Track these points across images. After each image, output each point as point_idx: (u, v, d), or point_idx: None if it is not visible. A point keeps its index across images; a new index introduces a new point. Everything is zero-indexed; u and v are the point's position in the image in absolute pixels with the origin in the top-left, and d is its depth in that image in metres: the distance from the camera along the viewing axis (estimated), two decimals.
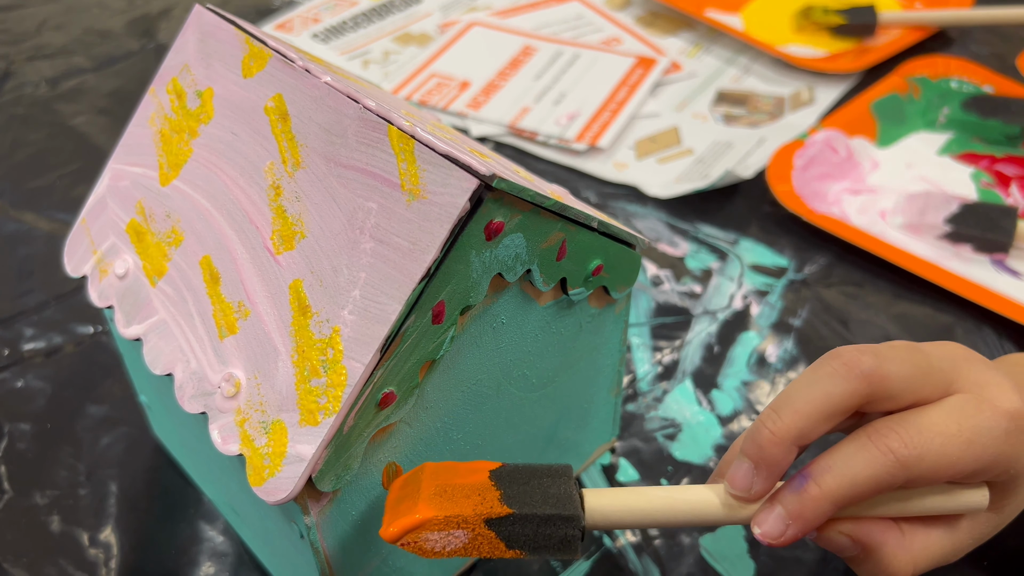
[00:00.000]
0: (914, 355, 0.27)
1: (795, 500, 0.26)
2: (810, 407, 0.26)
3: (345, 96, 0.27)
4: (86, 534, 0.37)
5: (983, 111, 0.56)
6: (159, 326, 0.29)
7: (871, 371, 0.26)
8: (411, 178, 0.25)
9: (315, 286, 0.26)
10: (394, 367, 0.25)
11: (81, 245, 0.33)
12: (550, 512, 0.26)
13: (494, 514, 0.25)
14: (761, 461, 0.27)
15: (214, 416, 0.27)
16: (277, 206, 0.28)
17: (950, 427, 0.26)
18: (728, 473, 0.28)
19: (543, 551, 0.26)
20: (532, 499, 0.26)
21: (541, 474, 0.27)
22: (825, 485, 0.26)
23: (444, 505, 0.25)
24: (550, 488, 0.26)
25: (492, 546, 0.26)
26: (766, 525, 0.27)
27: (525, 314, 0.30)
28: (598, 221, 0.29)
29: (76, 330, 0.46)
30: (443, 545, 0.25)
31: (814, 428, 0.26)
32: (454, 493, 0.26)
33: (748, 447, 0.27)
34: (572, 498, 0.26)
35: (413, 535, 0.25)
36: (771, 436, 0.26)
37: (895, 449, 0.26)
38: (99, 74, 0.65)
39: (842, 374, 0.26)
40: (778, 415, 0.27)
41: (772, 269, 0.49)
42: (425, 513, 0.25)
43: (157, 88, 0.33)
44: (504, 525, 0.25)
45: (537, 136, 0.58)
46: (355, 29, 0.69)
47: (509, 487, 0.26)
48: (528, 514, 0.26)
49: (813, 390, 0.27)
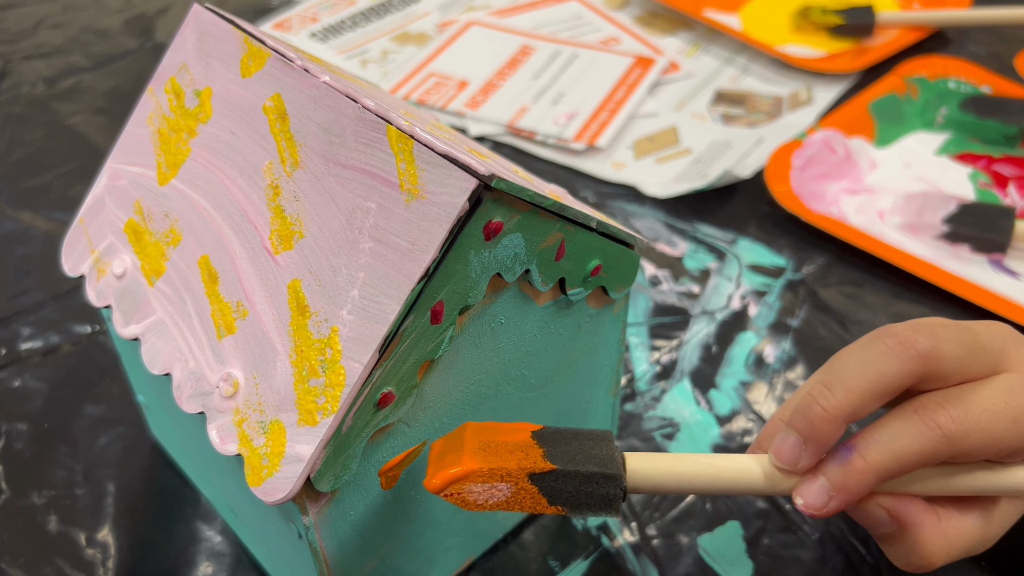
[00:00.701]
0: (965, 334, 0.27)
1: (839, 472, 0.27)
2: (864, 385, 0.26)
3: (344, 96, 0.27)
4: (83, 534, 0.37)
5: (981, 111, 0.56)
6: (157, 326, 0.29)
7: (927, 351, 0.26)
8: (410, 178, 0.25)
9: (313, 286, 0.26)
10: (393, 367, 0.25)
11: (79, 244, 0.33)
12: (593, 470, 0.26)
13: (537, 469, 0.26)
14: (811, 437, 0.27)
15: (212, 416, 0.27)
16: (276, 206, 0.28)
17: (997, 404, 0.27)
18: (775, 445, 0.27)
19: (584, 509, 0.26)
20: (575, 458, 0.26)
21: (583, 436, 0.27)
22: (871, 458, 0.26)
23: (488, 458, 0.26)
24: (592, 449, 0.27)
25: (534, 501, 0.26)
26: (809, 496, 0.27)
27: (524, 314, 0.30)
28: (597, 221, 0.29)
29: (73, 330, 0.46)
30: (486, 497, 0.26)
31: (866, 406, 0.26)
32: (498, 448, 0.26)
33: (798, 421, 0.27)
34: (614, 459, 0.27)
35: (457, 486, 0.26)
36: (823, 413, 0.26)
37: (942, 424, 0.26)
38: (96, 73, 0.65)
39: (898, 354, 0.26)
40: (831, 392, 0.26)
41: (770, 269, 0.49)
42: (470, 465, 0.25)
43: (155, 87, 0.33)
44: (547, 480, 0.26)
45: (535, 135, 0.58)
46: (353, 28, 0.69)
47: (552, 446, 0.27)
48: (571, 471, 0.26)
49: (867, 368, 0.26)
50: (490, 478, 0.26)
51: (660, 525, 0.37)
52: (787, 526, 0.37)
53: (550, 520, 0.37)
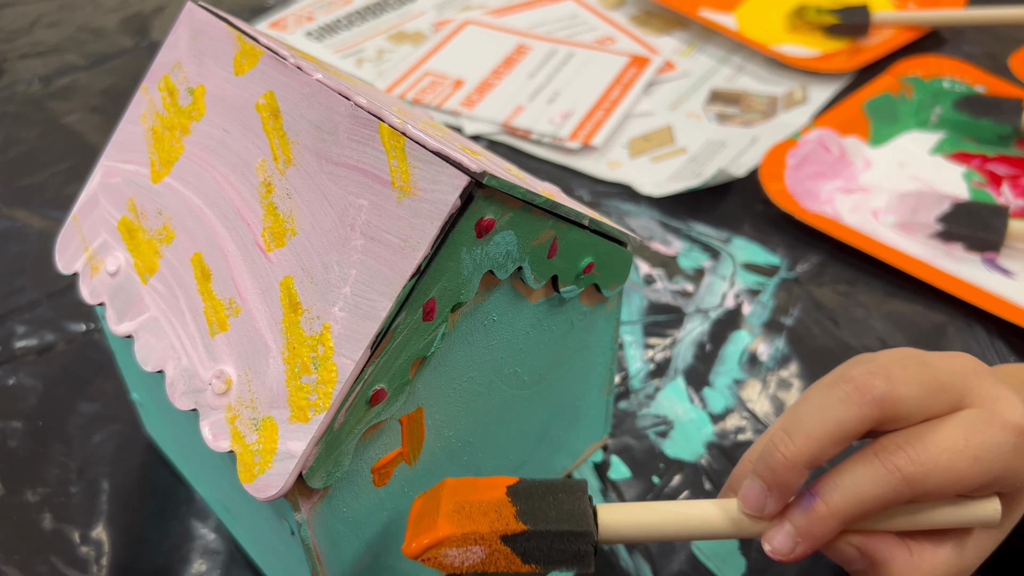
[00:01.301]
0: (924, 373, 0.27)
1: (803, 518, 0.27)
2: (822, 432, 0.27)
3: (336, 93, 0.27)
4: (77, 532, 0.37)
5: (975, 111, 0.56)
6: (150, 323, 0.29)
7: (883, 396, 0.27)
8: (402, 175, 0.25)
9: (306, 283, 0.26)
10: (385, 364, 0.25)
11: (72, 242, 0.33)
12: (564, 528, 0.27)
13: (510, 531, 0.26)
14: (774, 484, 0.27)
15: (205, 413, 0.27)
16: (268, 203, 0.28)
17: (957, 442, 0.27)
18: (741, 493, 0.28)
19: (558, 565, 0.27)
20: (547, 515, 0.27)
21: (556, 490, 0.28)
22: (833, 503, 0.27)
23: (462, 522, 0.26)
24: (564, 504, 0.27)
25: (508, 561, 0.27)
26: (777, 542, 0.28)
27: (516, 311, 0.30)
28: (589, 219, 0.29)
29: (68, 328, 0.46)
30: (462, 560, 0.26)
31: (825, 452, 0.27)
32: (472, 510, 0.27)
33: (761, 469, 0.27)
34: (586, 514, 0.27)
35: (433, 551, 0.26)
36: (784, 460, 0.27)
37: (901, 467, 0.26)
38: (92, 72, 0.65)
39: (855, 399, 0.27)
40: (791, 439, 0.27)
41: (764, 268, 0.49)
42: (444, 530, 0.26)
43: (149, 85, 0.33)
44: (519, 541, 0.26)
45: (531, 135, 0.58)
46: (349, 27, 0.69)
47: (525, 503, 0.27)
48: (543, 530, 0.27)
49: (825, 415, 0.27)
50: (464, 542, 0.26)
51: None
52: None
53: None
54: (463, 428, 0.31)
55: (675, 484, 0.38)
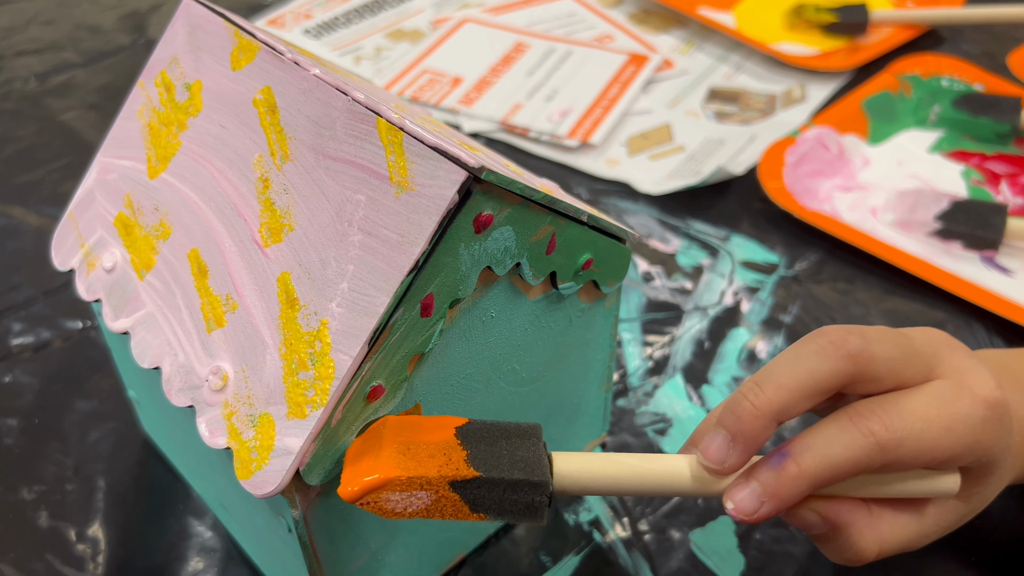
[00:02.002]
0: (899, 338, 0.27)
1: (772, 477, 0.26)
2: (794, 383, 0.26)
3: (334, 88, 0.27)
4: (73, 529, 0.37)
5: (974, 109, 0.56)
6: (147, 319, 0.29)
7: (858, 351, 0.26)
8: (399, 170, 0.25)
9: (303, 279, 0.26)
10: (382, 360, 0.25)
11: (69, 238, 0.33)
12: (518, 477, 0.25)
13: (459, 476, 0.24)
14: (739, 434, 0.26)
15: (202, 409, 0.27)
16: (265, 199, 0.28)
17: (930, 412, 0.26)
18: (702, 444, 0.27)
19: (509, 516, 0.25)
20: (499, 462, 0.25)
21: (510, 434, 0.26)
22: (804, 464, 0.26)
23: (407, 465, 0.24)
24: (518, 450, 0.25)
25: (456, 509, 0.25)
26: (740, 501, 0.26)
27: (515, 308, 0.30)
28: (587, 215, 0.29)
29: (64, 325, 0.45)
30: (404, 506, 0.24)
31: (796, 405, 0.26)
32: (418, 451, 0.25)
33: (726, 418, 0.26)
34: (541, 462, 0.25)
35: (374, 495, 0.24)
36: (751, 409, 0.26)
37: (876, 432, 0.26)
38: (89, 69, 0.65)
39: (829, 352, 0.26)
40: (760, 388, 0.26)
41: (763, 265, 0.49)
42: (387, 472, 0.24)
43: (146, 81, 0.33)
44: (469, 488, 0.25)
45: (529, 132, 0.58)
46: (347, 25, 0.69)
47: (476, 447, 0.25)
48: (495, 478, 0.25)
49: (798, 366, 0.26)
50: (409, 486, 0.24)
51: (652, 520, 0.37)
52: (779, 521, 0.37)
53: None
54: None
55: None
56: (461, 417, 0.27)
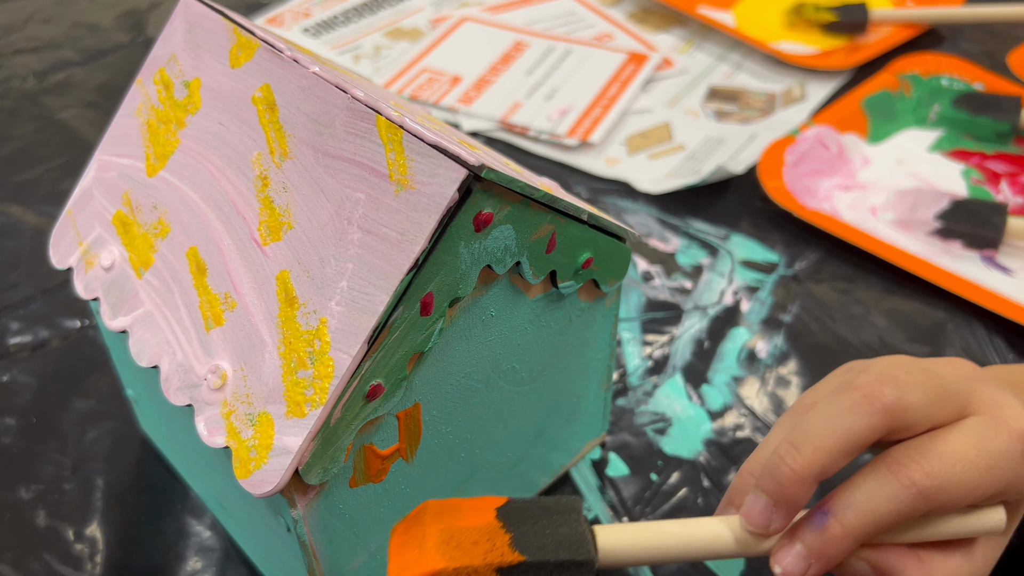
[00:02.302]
0: (931, 380, 0.27)
1: (817, 538, 0.26)
2: (831, 443, 0.26)
3: (333, 86, 0.27)
4: (71, 529, 0.37)
5: (974, 108, 0.56)
6: (145, 318, 0.29)
7: (893, 404, 0.26)
8: (399, 168, 0.25)
9: (302, 277, 0.26)
10: (382, 359, 0.25)
11: (67, 237, 0.33)
12: (564, 558, 0.25)
13: (505, 562, 0.25)
14: (781, 499, 0.26)
15: (200, 408, 0.27)
16: (264, 197, 0.27)
17: (969, 453, 0.26)
18: (744, 508, 0.27)
19: None
20: (543, 542, 0.25)
21: (550, 511, 0.26)
22: (847, 523, 0.26)
23: (453, 554, 0.24)
24: (560, 528, 0.26)
25: None
26: (787, 564, 0.26)
27: (514, 307, 0.29)
28: (588, 213, 0.29)
29: (63, 324, 0.45)
30: None
31: (834, 464, 0.26)
32: (462, 539, 0.25)
33: (766, 483, 0.26)
34: (584, 540, 0.25)
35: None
36: (791, 474, 0.26)
37: (917, 481, 0.26)
38: (87, 68, 0.65)
39: (864, 408, 0.26)
40: (798, 451, 0.26)
41: (763, 265, 0.49)
42: (435, 564, 0.24)
43: (144, 79, 0.32)
44: (516, 573, 0.25)
45: (528, 131, 0.58)
46: (346, 24, 0.69)
47: (518, 528, 0.25)
48: (540, 561, 0.25)
49: (834, 426, 0.26)
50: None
51: (652, 519, 0.37)
52: None
53: None
54: (460, 425, 0.31)
55: (673, 481, 0.38)
56: (499, 497, 0.26)
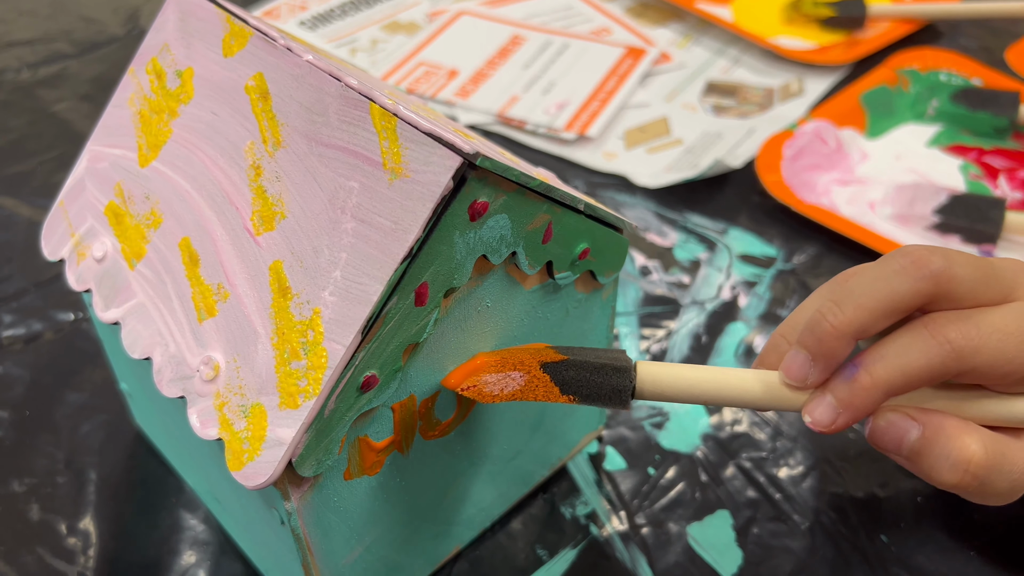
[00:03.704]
0: (979, 261, 0.27)
1: (846, 389, 0.27)
2: (874, 303, 0.26)
3: (327, 74, 0.26)
4: (65, 522, 0.36)
5: (972, 104, 0.56)
6: (137, 309, 0.29)
7: (940, 271, 0.26)
8: (393, 156, 0.25)
9: (295, 267, 0.26)
10: (376, 350, 0.25)
11: (59, 228, 0.32)
12: (604, 361, 0.27)
13: (549, 359, 0.27)
14: (819, 353, 0.27)
15: (193, 400, 0.27)
16: (257, 186, 0.27)
17: (1009, 326, 0.26)
18: (784, 362, 0.28)
19: (595, 399, 0.27)
20: (586, 354, 0.28)
21: (596, 350, 0.29)
22: (876, 374, 0.26)
23: (502, 353, 0.28)
24: (603, 353, 0.28)
25: (547, 390, 0.27)
26: (817, 413, 0.27)
27: (511, 298, 0.29)
28: (584, 203, 0.29)
29: (56, 317, 0.45)
30: (501, 387, 0.27)
31: (875, 323, 0.26)
32: (512, 350, 0.28)
33: (807, 339, 0.27)
34: (625, 357, 0.28)
35: (473, 379, 0.27)
36: (832, 329, 0.26)
37: (953, 340, 0.26)
38: (81, 60, 0.64)
39: (911, 272, 0.26)
40: (840, 309, 0.26)
41: (761, 259, 0.49)
42: (483, 357, 0.27)
43: (136, 68, 0.32)
44: (559, 369, 0.27)
45: (526, 125, 0.57)
46: (343, 17, 0.69)
47: (564, 350, 0.28)
48: (582, 361, 0.27)
49: (879, 286, 0.26)
50: (503, 367, 0.27)
51: (649, 514, 0.36)
52: (777, 515, 0.36)
53: (538, 509, 0.37)
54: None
55: (671, 476, 0.38)
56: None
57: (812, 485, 0.37)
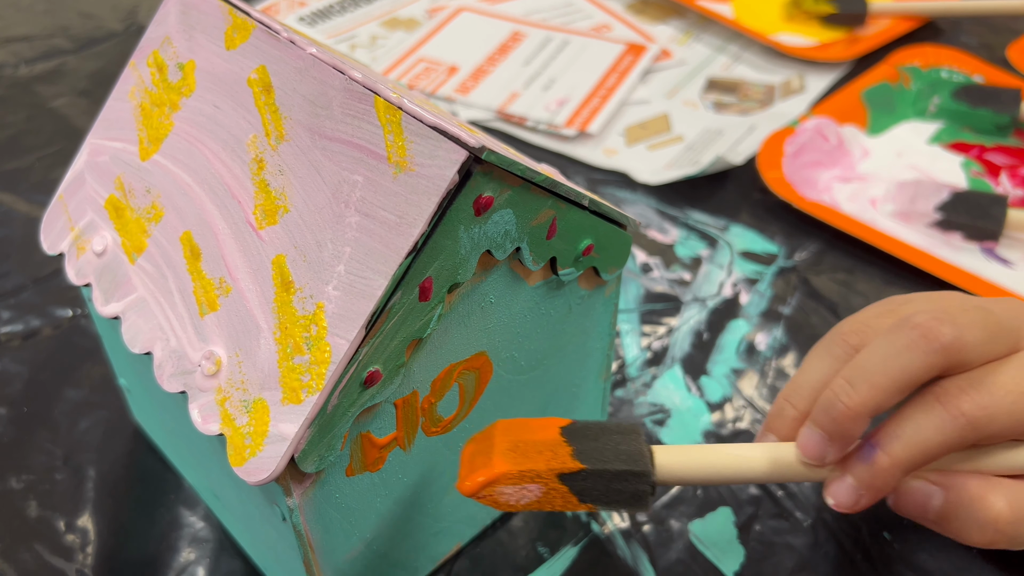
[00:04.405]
0: (987, 318, 0.27)
1: (866, 471, 0.27)
2: (887, 381, 0.26)
3: (331, 67, 0.26)
4: (63, 519, 0.36)
5: (973, 101, 0.56)
6: (138, 304, 0.29)
7: (951, 343, 0.26)
8: (398, 150, 0.24)
9: (298, 261, 0.25)
10: (380, 345, 0.25)
11: (58, 222, 0.32)
12: (621, 468, 0.26)
13: (566, 469, 0.26)
14: (835, 433, 0.27)
15: (194, 395, 0.26)
16: (260, 180, 0.27)
17: (1020, 384, 0.26)
18: (799, 442, 0.28)
19: (614, 505, 0.27)
20: (603, 455, 0.27)
21: (611, 431, 0.27)
22: (894, 454, 0.26)
23: (518, 460, 0.26)
24: (620, 444, 0.27)
25: (565, 500, 0.27)
26: (839, 496, 0.27)
27: (514, 294, 0.29)
28: (589, 199, 0.29)
29: (54, 313, 0.45)
30: (517, 499, 0.26)
31: (889, 401, 0.26)
32: (527, 449, 0.27)
33: (822, 419, 0.27)
34: (643, 455, 0.27)
35: (489, 489, 0.26)
36: (847, 411, 0.26)
37: (967, 412, 0.26)
38: (79, 56, 0.64)
39: (921, 347, 0.26)
40: (854, 389, 0.26)
41: (762, 256, 0.48)
42: (500, 468, 0.26)
43: (137, 61, 0.32)
44: (576, 480, 0.26)
45: (526, 121, 0.57)
46: (342, 13, 0.68)
47: (580, 443, 0.27)
48: (600, 470, 0.26)
49: (890, 364, 0.26)
50: (520, 479, 0.26)
51: (650, 511, 0.36)
52: (779, 512, 0.36)
53: None
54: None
55: None
56: (565, 419, 0.28)
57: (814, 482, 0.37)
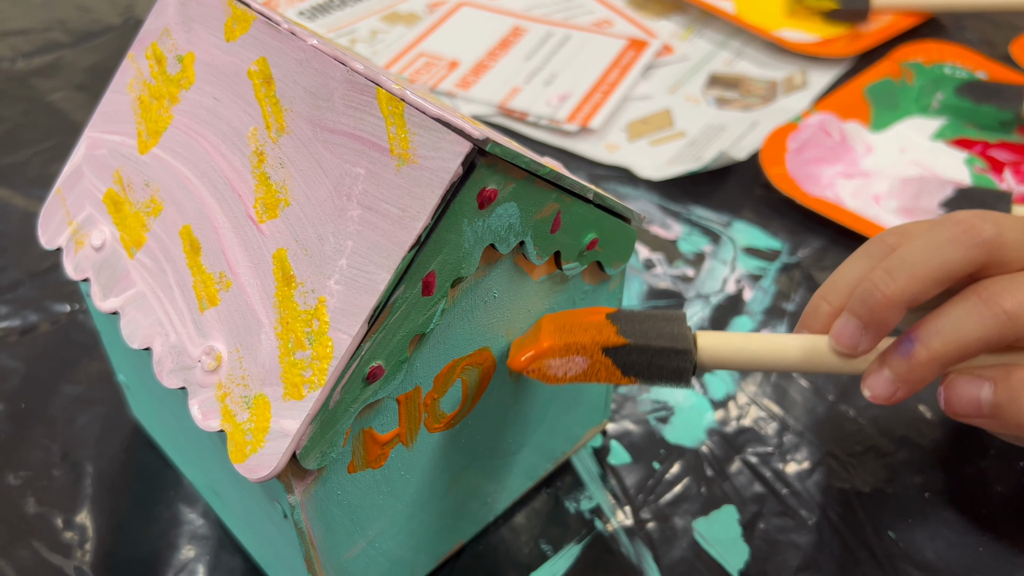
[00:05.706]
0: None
1: (903, 364, 0.27)
2: (926, 272, 0.27)
3: (332, 59, 0.26)
4: (61, 516, 0.36)
5: (976, 97, 0.56)
6: (137, 299, 0.28)
7: (992, 238, 0.26)
8: (401, 142, 0.24)
9: (300, 255, 0.25)
10: (382, 340, 0.24)
11: (56, 216, 0.32)
12: (664, 344, 0.28)
13: (611, 343, 0.27)
14: (871, 322, 0.27)
15: (194, 391, 0.26)
16: (260, 173, 0.27)
17: None
18: (834, 330, 0.28)
19: (656, 380, 0.28)
20: (647, 334, 0.28)
21: (656, 317, 0.28)
22: (933, 348, 0.27)
23: (564, 336, 0.28)
24: (664, 327, 0.28)
25: (609, 372, 0.28)
26: (876, 388, 0.28)
27: (518, 288, 0.29)
28: (593, 192, 0.28)
29: (52, 308, 0.44)
30: (565, 371, 0.28)
31: (927, 292, 0.27)
32: (573, 328, 0.28)
33: (858, 307, 0.27)
34: (685, 336, 0.28)
35: (538, 362, 0.27)
36: (884, 299, 0.27)
37: (1008, 309, 0.26)
38: (77, 49, 0.63)
39: (963, 240, 0.27)
40: (892, 278, 0.27)
41: (766, 252, 0.48)
42: (548, 341, 0.27)
43: (136, 53, 0.31)
44: (620, 354, 0.28)
45: (527, 117, 0.57)
46: (342, 7, 0.68)
47: (625, 324, 0.28)
48: (643, 345, 0.28)
49: (931, 255, 0.27)
50: (567, 352, 0.27)
51: (654, 509, 0.36)
52: (783, 510, 0.36)
53: (542, 503, 0.36)
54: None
55: (676, 470, 0.37)
56: (609, 307, 0.30)
57: (819, 480, 0.37)
